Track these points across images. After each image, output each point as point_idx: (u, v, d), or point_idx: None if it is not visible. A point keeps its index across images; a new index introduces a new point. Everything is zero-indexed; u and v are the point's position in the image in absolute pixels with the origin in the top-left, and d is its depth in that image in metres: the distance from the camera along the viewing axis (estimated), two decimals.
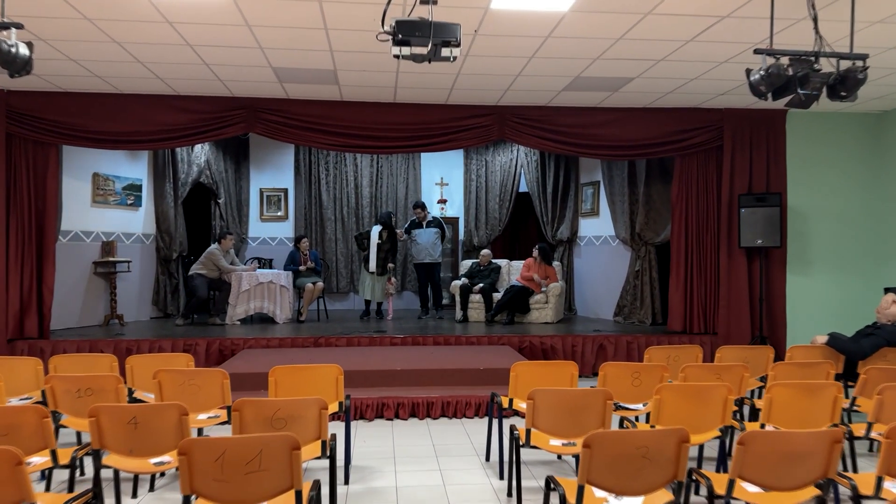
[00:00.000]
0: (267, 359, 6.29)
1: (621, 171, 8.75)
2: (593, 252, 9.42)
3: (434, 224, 9.19)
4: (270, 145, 10.56)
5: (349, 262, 10.64)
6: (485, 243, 10.56)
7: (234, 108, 7.12)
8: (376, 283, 9.04)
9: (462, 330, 7.92)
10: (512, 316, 8.43)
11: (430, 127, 7.29)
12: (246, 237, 10.50)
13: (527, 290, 8.51)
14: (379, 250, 8.96)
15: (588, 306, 9.50)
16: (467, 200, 10.77)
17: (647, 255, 8.41)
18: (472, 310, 8.76)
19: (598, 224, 9.33)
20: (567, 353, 7.28)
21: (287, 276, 8.71)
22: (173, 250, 9.16)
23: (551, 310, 8.54)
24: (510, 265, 9.35)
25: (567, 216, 9.80)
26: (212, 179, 9.82)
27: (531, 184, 10.13)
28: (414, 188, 10.78)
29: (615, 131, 7.45)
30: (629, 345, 7.35)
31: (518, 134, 7.38)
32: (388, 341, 7.21)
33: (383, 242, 8.98)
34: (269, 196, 10.62)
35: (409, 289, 10.75)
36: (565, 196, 9.85)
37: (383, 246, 8.98)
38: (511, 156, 10.40)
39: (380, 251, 8.96)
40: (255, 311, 8.47)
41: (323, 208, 10.58)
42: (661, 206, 8.34)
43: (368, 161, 10.69)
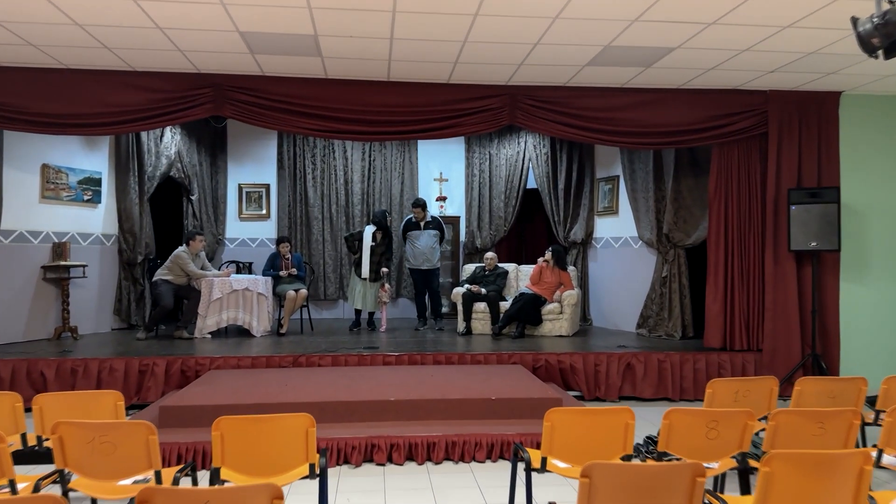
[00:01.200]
0: (233, 383, 5.23)
1: (645, 164, 7.72)
2: (611, 255, 8.40)
3: (433, 225, 8.14)
4: (250, 136, 9.50)
5: (338, 267, 9.58)
6: (489, 245, 9.53)
7: (200, 86, 6.06)
8: (368, 291, 7.99)
9: (466, 345, 6.88)
10: (522, 328, 7.39)
11: (430, 110, 6.24)
12: (222, 238, 9.43)
13: (538, 298, 7.48)
14: (372, 254, 7.92)
15: (606, 317, 8.47)
16: (469, 198, 9.73)
17: (676, 259, 7.39)
18: (477, 321, 7.71)
19: (617, 224, 8.31)
20: (589, 374, 6.24)
21: (266, 282, 7.65)
22: (138, 253, 8.09)
23: (567, 321, 7.50)
24: (518, 270, 8.31)
25: (581, 215, 8.77)
26: (183, 173, 8.75)
27: (540, 179, 9.10)
28: (410, 184, 9.73)
29: (644, 116, 6.42)
30: (661, 364, 6.31)
31: (531, 118, 6.35)
32: (380, 360, 6.16)
33: (377, 245, 7.94)
34: (248, 192, 9.56)
35: (405, 295, 9.70)
36: (579, 193, 8.82)
37: (377, 249, 7.93)
38: (518, 148, 9.37)
39: (373, 255, 7.92)
40: (228, 322, 7.40)
41: (309, 206, 9.52)
42: (691, 203, 7.31)
43: (360, 154, 9.64)
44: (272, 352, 6.33)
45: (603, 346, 6.81)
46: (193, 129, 9.01)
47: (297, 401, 4.69)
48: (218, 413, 4.72)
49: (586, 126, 6.39)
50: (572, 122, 6.37)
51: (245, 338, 7.32)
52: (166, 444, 4.23)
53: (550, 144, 9.01)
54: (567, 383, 6.26)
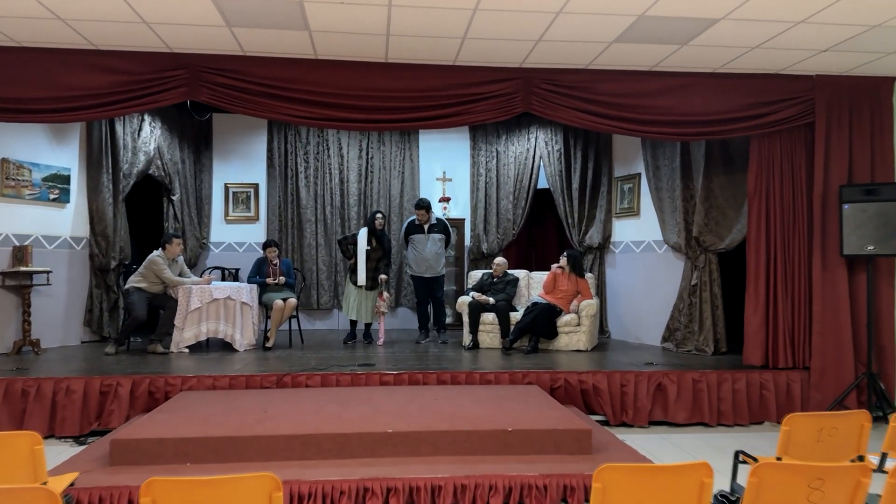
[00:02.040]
0: (205, 409, 4.46)
1: (671, 160, 6.98)
2: (632, 261, 7.64)
3: (438, 228, 7.40)
4: (238, 131, 8.77)
5: (332, 273, 8.83)
6: (496, 250, 8.78)
7: (172, 67, 5.33)
8: (364, 300, 7.23)
9: (473, 361, 6.12)
10: (535, 342, 6.63)
11: (434, 96, 5.50)
12: (206, 242, 8.68)
13: (553, 308, 6.72)
14: (368, 259, 7.17)
15: (626, 329, 7.70)
16: (474, 199, 8.99)
17: (707, 265, 6.63)
18: (484, 333, 6.95)
19: (638, 226, 7.56)
20: (615, 396, 5.48)
21: (251, 290, 6.90)
22: (111, 258, 7.35)
23: (585, 334, 6.74)
24: (530, 277, 7.55)
25: (598, 217, 8.02)
26: (164, 171, 8.02)
27: (553, 178, 8.36)
28: (411, 184, 8.99)
29: (674, 103, 5.69)
30: (696, 384, 5.55)
31: (548, 105, 5.61)
32: (376, 379, 5.40)
33: (373, 249, 7.19)
34: (235, 192, 8.82)
35: (406, 304, 8.94)
36: (595, 193, 8.07)
37: (373, 254, 7.18)
38: (528, 145, 8.63)
39: (369, 260, 7.17)
40: (208, 335, 6.65)
41: (301, 207, 8.78)
42: (724, 202, 6.57)
43: (357, 152, 8.90)
44: (254, 370, 5.57)
45: (627, 362, 6.05)
46: (175, 122, 8.28)
47: (275, 433, 3.93)
48: (180, 449, 3.97)
49: (610, 114, 5.65)
50: (594, 110, 5.63)
51: (227, 353, 6.56)
52: (115, 488, 3.47)
53: (563, 140, 8.28)
54: (589, 406, 5.50)
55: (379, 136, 8.93)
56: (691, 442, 5.07)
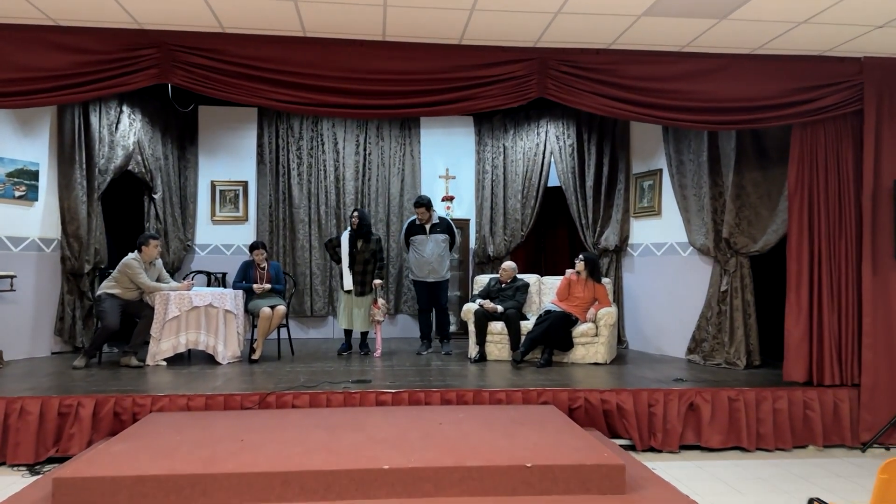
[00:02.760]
0: (173, 437, 3.84)
1: (696, 154, 6.37)
2: (653, 265, 7.02)
3: (442, 228, 6.78)
4: (226, 125, 8.16)
5: (327, 278, 8.21)
6: (503, 253, 8.16)
7: (142, 46, 4.72)
8: (356, 308, 6.62)
9: (480, 377, 5.50)
10: (549, 355, 6.00)
11: (438, 79, 4.89)
12: (191, 244, 8.07)
13: (568, 317, 6.09)
14: (354, 263, 6.57)
15: (646, 339, 7.07)
16: (480, 198, 8.38)
17: (739, 269, 6.01)
18: (492, 344, 6.33)
19: (659, 227, 6.94)
20: (642, 417, 4.85)
21: (236, 296, 6.28)
22: (85, 261, 6.73)
23: (603, 346, 6.12)
24: (541, 283, 6.93)
25: (614, 217, 7.40)
26: (144, 167, 7.41)
27: (565, 175, 7.75)
28: (412, 182, 8.38)
29: (707, 88, 5.07)
30: (732, 403, 4.92)
31: (566, 90, 4.99)
32: (372, 398, 4.77)
33: (358, 252, 6.59)
34: (223, 191, 8.20)
35: (406, 311, 8.32)
36: (611, 191, 7.45)
37: (359, 257, 6.58)
38: (537, 140, 8.02)
39: (355, 264, 6.57)
40: (187, 346, 6.03)
41: (294, 207, 8.17)
42: (757, 200, 5.94)
43: (353, 147, 8.29)
44: (236, 387, 4.95)
45: (653, 378, 5.42)
46: (157, 115, 7.68)
47: (251, 469, 3.31)
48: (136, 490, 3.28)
49: (636, 100, 5.03)
50: (619, 95, 5.01)
51: (208, 366, 5.93)
52: None
53: (576, 134, 7.66)
54: (613, 428, 4.87)
55: (377, 130, 8.33)
56: (731, 471, 4.44)
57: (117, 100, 7.11)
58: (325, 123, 8.23)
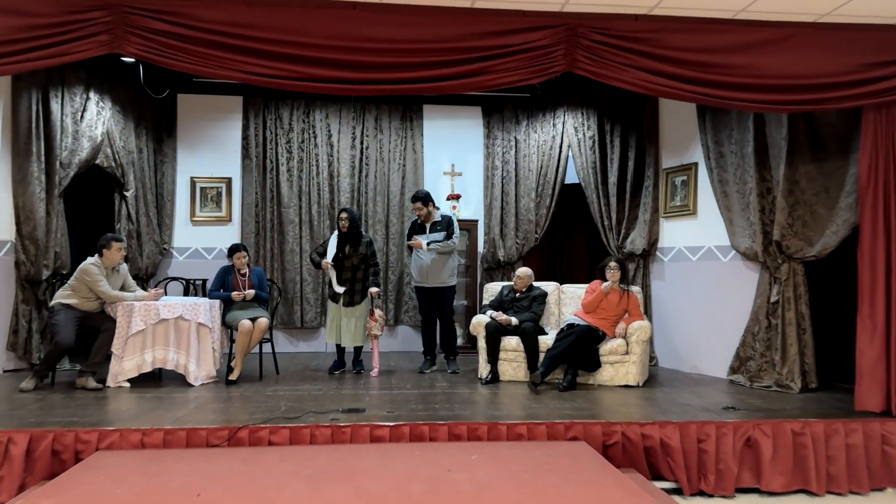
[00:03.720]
0: (111, 489, 3.02)
1: (740, 144, 5.57)
2: (687, 271, 6.20)
3: (442, 226, 5.98)
4: (207, 115, 7.36)
5: (319, 285, 7.40)
6: (514, 258, 7.35)
7: (90, 7, 3.92)
8: (346, 319, 5.81)
9: (494, 403, 4.68)
10: (573, 376, 5.19)
11: (447, 48, 4.09)
12: (168, 247, 7.26)
13: (595, 332, 5.28)
14: (342, 269, 5.79)
15: (678, 355, 6.25)
16: (489, 197, 7.58)
17: (792, 277, 5.19)
18: (506, 362, 5.52)
19: (694, 228, 6.13)
20: (690, 455, 4.03)
21: (211, 307, 5.47)
22: (43, 267, 5.92)
23: (635, 365, 5.30)
24: (560, 291, 6.11)
25: (641, 218, 6.58)
26: (115, 161, 6.60)
27: (585, 171, 6.94)
28: (413, 179, 7.58)
29: (766, 61, 4.27)
30: (798, 438, 4.10)
31: (599, 62, 4.18)
32: (366, 433, 3.95)
33: (346, 256, 5.80)
34: (204, 188, 7.40)
35: (408, 321, 7.50)
36: (638, 188, 6.64)
37: (347, 262, 5.80)
38: (553, 132, 7.21)
39: (343, 270, 5.79)
40: (154, 366, 5.22)
41: (283, 206, 7.36)
42: (813, 197, 5.14)
43: (349, 140, 7.49)
44: (203, 418, 4.13)
45: (699, 406, 4.60)
46: (130, 103, 6.89)
47: None
48: None
49: (680, 74, 4.23)
50: (659, 69, 4.21)
51: (178, 388, 5.12)
52: None
53: (598, 125, 6.85)
54: (655, 468, 4.06)
55: (376, 122, 7.53)
56: None
57: (83, 85, 6.31)
58: (317, 114, 7.44)
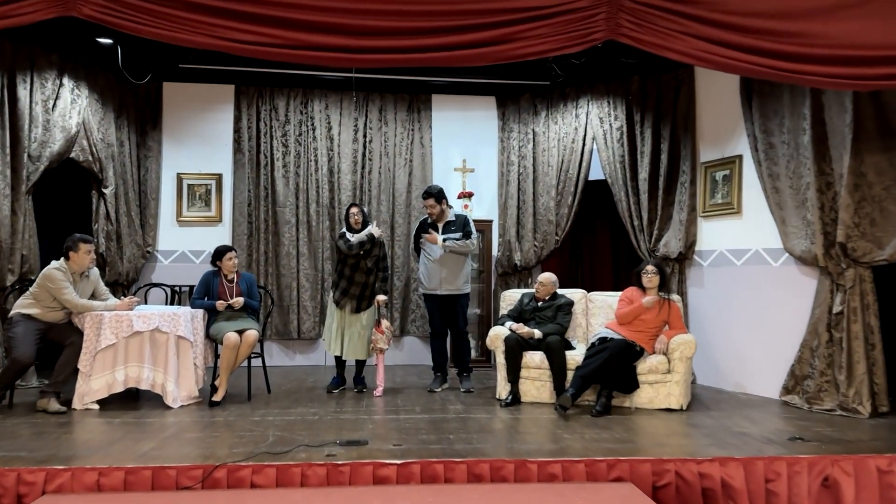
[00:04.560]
0: None
1: (794, 133, 4.89)
2: (730, 277, 5.52)
3: (457, 226, 5.33)
4: (196, 105, 6.73)
5: (318, 291, 6.73)
6: (532, 262, 6.68)
7: None
8: (350, 328, 5.16)
9: (517, 432, 4.01)
10: (608, 398, 4.51)
11: (464, 10, 3.42)
12: (152, 251, 6.61)
13: (631, 347, 4.60)
14: (354, 272, 5.14)
15: (720, 372, 5.56)
16: (504, 195, 6.92)
17: (858, 284, 4.51)
18: (529, 382, 4.84)
19: (739, 229, 5.45)
20: (757, 499, 3.35)
21: (193, 318, 4.81)
22: (8, 271, 5.28)
23: (678, 386, 4.62)
24: (588, 300, 5.43)
25: (676, 217, 5.91)
26: (92, 155, 5.96)
27: (611, 166, 6.27)
28: (421, 175, 6.91)
29: (845, 29, 3.60)
30: (884, 477, 3.43)
31: (646, 29, 3.51)
32: (368, 472, 3.28)
33: (364, 256, 5.16)
34: (192, 185, 6.75)
35: (415, 332, 6.83)
36: (672, 183, 5.97)
37: (361, 264, 5.15)
38: (576, 123, 6.54)
39: (356, 272, 5.14)
40: (126, 385, 4.56)
41: (278, 206, 6.71)
42: (883, 192, 4.46)
43: (350, 133, 6.83)
44: (175, 452, 3.47)
45: (758, 435, 3.91)
46: (110, 91, 6.25)
47: None
48: None
49: (742, 43, 3.55)
50: (718, 37, 3.54)
51: (154, 411, 4.47)
52: None
53: (626, 115, 6.18)
54: None
55: (380, 112, 6.87)
56: None
57: (55, 70, 5.68)
58: (316, 104, 6.79)
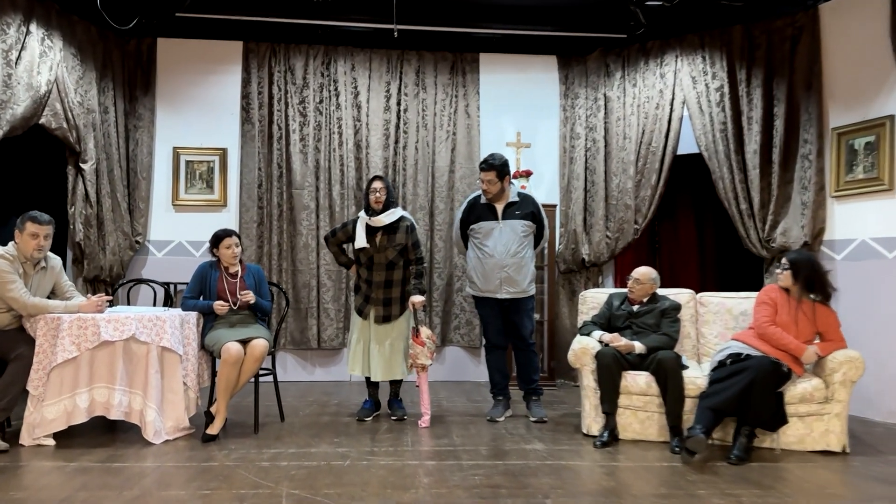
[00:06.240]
0: None
1: None
2: (878, 274, 4.26)
3: (524, 210, 4.12)
4: (196, 65, 5.59)
5: (342, 292, 5.55)
6: (604, 257, 5.46)
7: None
8: (379, 344, 3.99)
9: (637, 491, 2.78)
10: (749, 437, 3.27)
11: None
12: (142, 241, 5.45)
13: (778, 366, 3.35)
14: (372, 266, 4.01)
15: (865, 397, 4.27)
16: (566, 175, 5.70)
17: None
18: (630, 412, 3.61)
19: (889, 211, 4.19)
20: None
21: (183, 323, 3.64)
22: None
23: (840, 420, 3.37)
24: (699, 303, 4.16)
25: (796, 198, 4.66)
26: (67, 121, 4.83)
27: (708, 136, 5.03)
28: (466, 151, 5.71)
29: None
30: None
31: None
32: None
33: (378, 248, 3.97)
34: (191, 162, 5.59)
35: (458, 341, 5.62)
36: (790, 156, 4.73)
37: (378, 256, 3.98)
38: (661, 84, 5.30)
39: (374, 269, 4.01)
40: (92, 414, 3.40)
41: (294, 187, 5.54)
42: None
43: (381, 100, 5.65)
44: None
45: None
46: (90, 44, 5.13)
47: None
48: None
49: None
50: None
51: (127, 448, 3.30)
52: None
53: (727, 72, 4.95)
54: None
55: (417, 75, 5.69)
56: None
57: (20, 14, 4.54)
58: (340, 65, 5.62)
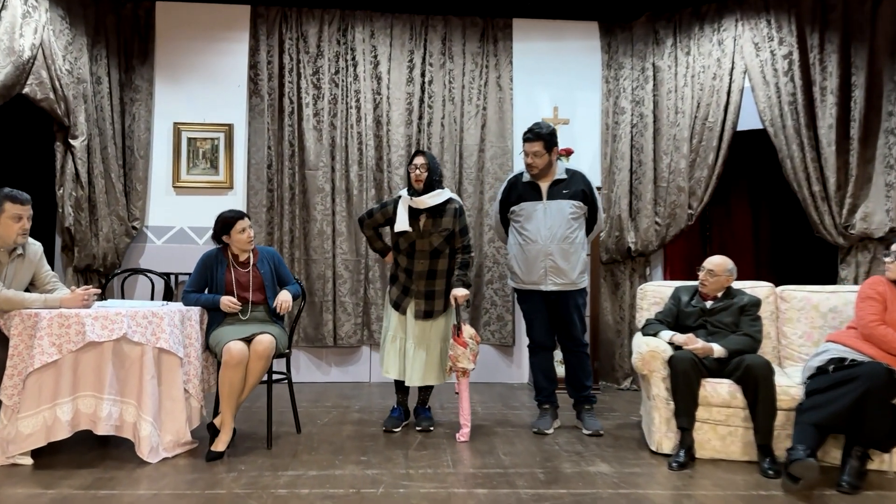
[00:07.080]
0: None
1: None
2: None
3: (572, 189, 3.57)
4: (199, 32, 5.04)
5: (360, 284, 5.02)
6: (653, 246, 4.92)
7: None
8: (417, 342, 3.46)
9: None
10: (861, 459, 2.73)
11: None
12: (139, 226, 4.91)
13: (893, 374, 2.81)
14: (413, 254, 3.47)
15: None
16: (609, 154, 5.14)
17: None
18: (709, 426, 3.07)
19: None
20: None
21: (183, 320, 3.11)
22: None
23: None
24: (780, 298, 3.60)
25: (879, 179, 4.11)
26: (55, 92, 4.30)
27: (772, 109, 4.46)
28: (498, 129, 5.15)
29: None
30: None
31: None
32: None
33: (422, 233, 3.44)
34: (193, 140, 5.05)
35: (490, 339, 5.08)
36: (872, 132, 4.17)
37: (421, 242, 3.45)
38: (719, 52, 4.72)
39: (415, 257, 3.47)
40: (76, 428, 2.87)
41: (308, 167, 5.00)
42: None
43: (404, 71, 5.09)
44: None
45: None
46: (82, 7, 4.61)
47: None
48: None
49: None
50: None
51: (118, 469, 2.79)
52: None
53: (797, 37, 4.38)
54: None
55: (443, 43, 5.13)
56: None
57: None
58: (357, 31, 5.06)
